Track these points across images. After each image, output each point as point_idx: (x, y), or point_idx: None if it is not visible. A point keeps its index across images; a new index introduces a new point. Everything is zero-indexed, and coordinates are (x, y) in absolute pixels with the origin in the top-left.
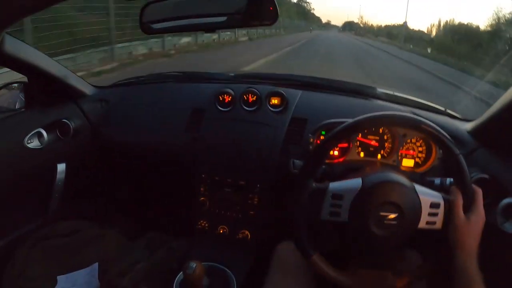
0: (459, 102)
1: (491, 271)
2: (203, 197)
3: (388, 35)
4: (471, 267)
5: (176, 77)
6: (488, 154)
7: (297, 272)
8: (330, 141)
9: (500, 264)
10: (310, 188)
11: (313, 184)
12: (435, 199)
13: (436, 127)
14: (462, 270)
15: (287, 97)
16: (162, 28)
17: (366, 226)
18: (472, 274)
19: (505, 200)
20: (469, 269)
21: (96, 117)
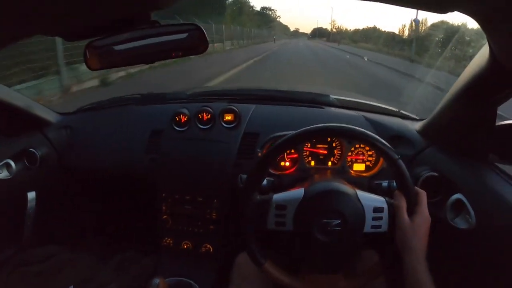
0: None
1: (444, 266)
2: (165, 215)
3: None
4: (419, 269)
5: (135, 99)
6: (436, 152)
7: (256, 281)
8: (269, 156)
9: (452, 259)
10: (254, 200)
11: (257, 197)
12: (378, 204)
13: (370, 134)
14: (411, 272)
15: (239, 112)
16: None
17: (311, 233)
18: (421, 275)
19: (454, 196)
20: (417, 270)
21: (61, 144)
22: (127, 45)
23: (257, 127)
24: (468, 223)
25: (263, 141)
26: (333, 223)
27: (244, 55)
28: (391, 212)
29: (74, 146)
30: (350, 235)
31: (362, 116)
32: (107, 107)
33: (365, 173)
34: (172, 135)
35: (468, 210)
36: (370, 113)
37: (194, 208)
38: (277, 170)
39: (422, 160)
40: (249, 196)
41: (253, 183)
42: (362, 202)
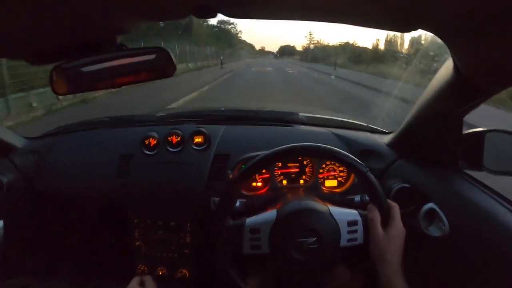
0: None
1: (421, 275)
2: (138, 241)
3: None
4: (395, 281)
5: (104, 123)
6: (407, 163)
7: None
8: (238, 180)
9: (429, 267)
10: (227, 225)
11: (230, 222)
12: (351, 217)
13: (337, 150)
14: (387, 283)
15: (209, 134)
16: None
17: (288, 254)
18: (396, 286)
19: (426, 206)
20: (393, 283)
21: (28, 169)
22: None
23: (227, 148)
24: (441, 231)
25: (233, 162)
26: (308, 241)
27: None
28: (365, 224)
29: (43, 172)
30: (326, 251)
31: (331, 132)
32: (76, 130)
33: (338, 189)
34: (142, 159)
35: (441, 218)
36: (339, 129)
37: (167, 233)
38: (249, 191)
39: (393, 172)
40: (221, 221)
41: (224, 207)
42: (335, 217)
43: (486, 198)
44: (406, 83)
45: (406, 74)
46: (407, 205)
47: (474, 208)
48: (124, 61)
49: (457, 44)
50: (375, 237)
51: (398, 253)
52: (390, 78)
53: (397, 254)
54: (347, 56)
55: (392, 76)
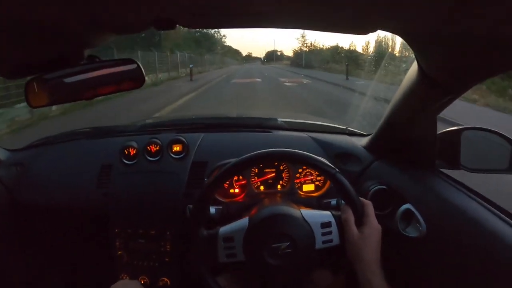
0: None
1: (401, 275)
2: (120, 251)
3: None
4: (373, 280)
5: (85, 133)
6: (383, 165)
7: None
8: (210, 187)
9: (408, 267)
10: (201, 235)
11: (204, 232)
12: (324, 219)
13: (304, 154)
14: (366, 283)
15: (187, 142)
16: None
17: (263, 260)
18: (376, 286)
19: (402, 207)
20: (372, 281)
21: (12, 182)
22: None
23: (205, 156)
24: (418, 232)
25: (210, 169)
26: (282, 246)
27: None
28: (339, 225)
29: (26, 184)
30: (302, 254)
31: (309, 137)
32: (58, 142)
33: (315, 193)
34: (122, 169)
35: (417, 219)
36: (317, 133)
37: (148, 242)
38: (226, 197)
39: (370, 174)
40: (195, 230)
41: (197, 215)
42: (308, 220)
43: (462, 197)
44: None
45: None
46: (385, 207)
47: (451, 207)
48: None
49: (418, 44)
50: (350, 237)
51: (375, 252)
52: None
53: (374, 252)
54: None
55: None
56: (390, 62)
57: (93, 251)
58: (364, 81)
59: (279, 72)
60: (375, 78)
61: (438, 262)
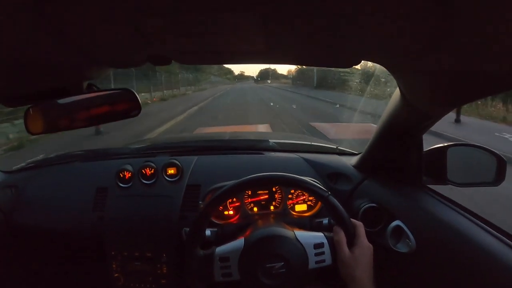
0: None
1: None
2: (116, 273)
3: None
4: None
5: (80, 156)
6: (372, 184)
7: None
8: (206, 210)
9: (400, 283)
10: (197, 256)
11: (200, 252)
12: (317, 240)
13: (297, 178)
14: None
15: (182, 166)
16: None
17: (257, 280)
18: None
19: (392, 223)
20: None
21: (6, 204)
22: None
23: (198, 179)
24: (408, 247)
25: (204, 192)
26: (276, 266)
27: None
28: (331, 245)
29: (20, 206)
30: (295, 274)
31: (301, 158)
32: (52, 164)
33: (307, 213)
34: (117, 192)
35: (407, 235)
36: (308, 153)
37: (144, 264)
38: (221, 219)
39: (360, 193)
40: (191, 251)
41: (194, 238)
42: (301, 241)
43: (449, 211)
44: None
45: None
46: (376, 224)
47: (438, 222)
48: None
49: (400, 75)
50: (342, 257)
51: (367, 270)
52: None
53: (366, 271)
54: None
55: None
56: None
57: (89, 274)
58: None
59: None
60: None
61: (429, 276)
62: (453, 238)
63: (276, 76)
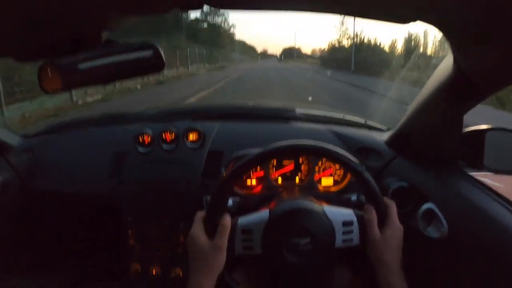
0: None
1: (420, 277)
2: (132, 240)
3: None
4: (394, 281)
5: (97, 120)
6: (404, 162)
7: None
8: (230, 178)
9: (428, 269)
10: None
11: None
12: (346, 218)
13: (332, 149)
14: (386, 285)
15: (203, 131)
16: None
17: (281, 256)
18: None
19: (424, 206)
20: (392, 283)
21: (23, 168)
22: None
23: (221, 146)
24: (440, 232)
25: (227, 160)
26: (302, 242)
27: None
28: (361, 224)
29: (37, 170)
30: (321, 252)
31: (329, 130)
32: (70, 128)
33: (334, 187)
34: (136, 157)
35: (439, 219)
36: (337, 125)
37: (161, 232)
38: (243, 189)
39: (390, 171)
40: (212, 220)
41: (215, 206)
42: (330, 218)
43: (487, 199)
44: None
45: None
46: (405, 205)
47: (474, 209)
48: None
49: (458, 40)
50: (372, 238)
51: (396, 253)
52: None
53: (396, 254)
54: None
55: None
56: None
57: (104, 240)
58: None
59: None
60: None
61: (459, 264)
62: (490, 227)
63: (301, 56)
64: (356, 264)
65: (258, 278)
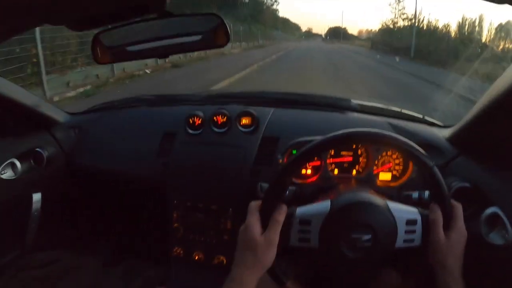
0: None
1: (479, 284)
2: (176, 223)
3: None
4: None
5: (148, 100)
6: (468, 161)
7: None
8: (294, 164)
9: (488, 277)
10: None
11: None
12: (411, 216)
13: (403, 139)
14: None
15: (257, 116)
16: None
17: (338, 250)
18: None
19: (488, 210)
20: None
21: (69, 144)
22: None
23: (276, 132)
24: (504, 239)
25: (284, 146)
26: (362, 238)
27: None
28: (424, 224)
29: (83, 147)
30: (381, 250)
31: (387, 122)
32: (118, 108)
33: (393, 183)
34: (185, 138)
35: (504, 225)
36: (394, 119)
37: (207, 217)
38: (298, 178)
39: (452, 170)
40: (269, 208)
41: (275, 193)
42: (394, 214)
43: None
44: None
45: None
46: (467, 207)
47: None
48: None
49: None
50: (436, 240)
51: (459, 259)
52: None
53: (459, 260)
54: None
55: None
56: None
57: (147, 222)
58: None
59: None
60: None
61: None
62: None
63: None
64: (411, 266)
65: (307, 272)
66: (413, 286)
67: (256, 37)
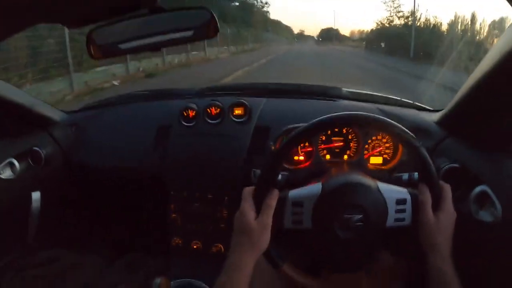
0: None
1: (470, 263)
2: (174, 214)
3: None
4: (445, 268)
5: (142, 96)
6: (456, 143)
7: (272, 283)
8: (284, 149)
9: (479, 255)
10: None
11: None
12: (400, 195)
13: (389, 121)
14: (436, 272)
15: (250, 106)
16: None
17: (331, 231)
18: (446, 275)
19: (477, 189)
20: (442, 270)
21: (67, 142)
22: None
23: (268, 121)
24: (493, 216)
25: (275, 134)
26: (354, 218)
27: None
28: (414, 203)
29: (81, 145)
30: (372, 230)
31: (377, 108)
32: (114, 104)
33: (383, 166)
34: (180, 130)
35: (493, 202)
36: (385, 105)
37: (204, 206)
38: (290, 164)
39: (441, 151)
40: (262, 193)
41: (267, 178)
42: (384, 194)
43: None
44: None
45: None
46: (456, 187)
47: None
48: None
49: None
50: (425, 221)
51: (448, 239)
52: None
53: (448, 240)
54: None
55: None
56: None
57: (145, 214)
58: None
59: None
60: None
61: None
62: None
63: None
64: (402, 246)
65: (302, 254)
66: (405, 267)
67: (246, 40)
